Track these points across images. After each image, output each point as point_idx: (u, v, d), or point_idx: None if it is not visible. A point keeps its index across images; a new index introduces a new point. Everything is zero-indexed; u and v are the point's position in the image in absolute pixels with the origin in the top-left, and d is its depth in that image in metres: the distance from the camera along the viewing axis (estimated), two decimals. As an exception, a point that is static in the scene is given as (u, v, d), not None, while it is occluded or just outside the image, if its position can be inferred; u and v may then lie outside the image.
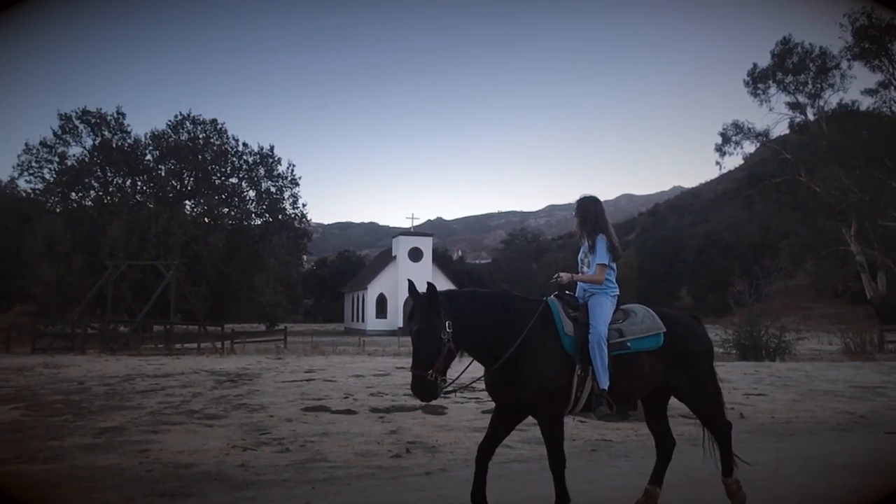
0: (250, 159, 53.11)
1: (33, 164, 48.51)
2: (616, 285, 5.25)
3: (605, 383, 4.77)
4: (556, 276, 5.21)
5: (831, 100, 49.09)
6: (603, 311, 4.98)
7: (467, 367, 4.96)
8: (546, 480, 6.04)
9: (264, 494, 5.85)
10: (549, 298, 5.07)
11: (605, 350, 4.80)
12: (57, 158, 48.81)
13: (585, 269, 5.29)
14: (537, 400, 4.71)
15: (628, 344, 4.97)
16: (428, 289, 4.64)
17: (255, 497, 5.77)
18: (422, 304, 4.62)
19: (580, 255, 5.42)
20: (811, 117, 50.09)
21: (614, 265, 5.25)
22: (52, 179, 48.74)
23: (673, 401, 11.53)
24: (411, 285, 4.75)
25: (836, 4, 42.15)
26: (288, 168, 54.10)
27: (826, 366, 19.48)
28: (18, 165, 48.34)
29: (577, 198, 5.47)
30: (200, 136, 51.70)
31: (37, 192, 49.53)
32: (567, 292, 5.18)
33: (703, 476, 6.39)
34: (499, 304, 4.88)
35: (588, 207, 5.37)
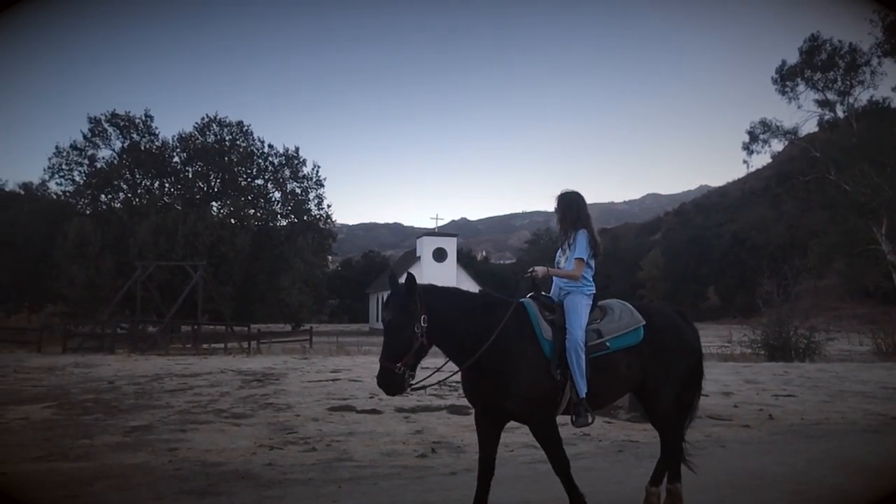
0: (276, 161, 53.36)
1: (63, 166, 49.19)
2: (593, 284, 5.05)
3: (583, 391, 4.62)
4: (530, 269, 4.99)
5: (861, 97, 48.27)
6: (579, 313, 4.80)
7: (441, 367, 4.78)
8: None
9: (291, 493, 5.88)
10: (525, 300, 4.88)
11: (583, 356, 4.64)
12: (87, 161, 49.46)
13: (563, 265, 5.08)
14: (525, 408, 4.57)
15: (607, 344, 4.79)
16: (406, 280, 4.50)
17: (282, 496, 5.80)
18: (398, 294, 4.47)
19: (558, 253, 5.20)
20: (841, 115, 49.30)
21: (593, 263, 5.05)
22: (81, 182, 49.37)
23: (700, 401, 11.38)
24: (392, 277, 4.61)
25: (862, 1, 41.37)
26: (313, 169, 54.29)
27: (857, 367, 19.21)
28: (49, 168, 49.06)
29: (559, 193, 5.23)
30: (227, 138, 52.06)
31: (67, 194, 50.20)
32: (543, 293, 4.99)
33: (732, 478, 6.34)
34: (478, 305, 4.73)
35: (569, 202, 5.15)
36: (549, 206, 5.39)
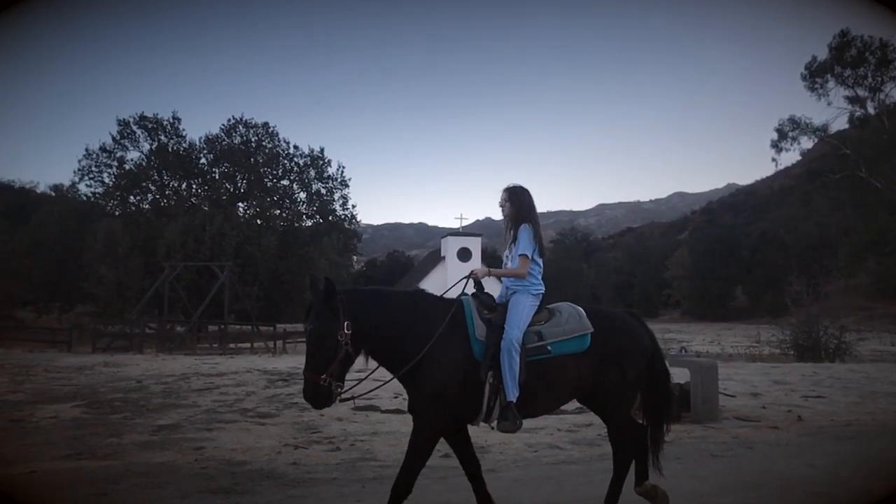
0: (301, 161, 53.69)
1: (93, 168, 49.88)
2: (541, 283, 4.81)
3: (512, 395, 4.35)
4: (470, 272, 4.79)
5: (893, 93, 47.61)
6: (520, 312, 4.55)
7: (370, 373, 4.64)
8: (597, 483, 5.98)
9: (315, 492, 5.91)
10: (464, 297, 4.65)
11: (517, 358, 4.37)
12: (116, 163, 50.09)
13: (510, 264, 4.83)
14: (421, 406, 4.35)
15: (548, 348, 4.51)
16: (325, 285, 4.22)
17: (307, 495, 5.83)
18: (318, 302, 4.23)
19: (506, 253, 4.96)
20: (871, 111, 48.58)
21: (540, 260, 4.82)
22: (111, 183, 49.98)
23: (728, 402, 11.27)
24: (312, 280, 4.38)
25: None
26: (338, 170, 54.55)
27: (888, 367, 18.87)
28: (79, 170, 49.77)
29: (504, 187, 5.01)
30: (253, 139, 52.47)
31: (97, 195, 50.81)
32: (485, 291, 4.76)
33: (759, 480, 6.26)
34: (406, 306, 4.49)
35: (513, 196, 4.92)
36: (574, 205, 5.38)
